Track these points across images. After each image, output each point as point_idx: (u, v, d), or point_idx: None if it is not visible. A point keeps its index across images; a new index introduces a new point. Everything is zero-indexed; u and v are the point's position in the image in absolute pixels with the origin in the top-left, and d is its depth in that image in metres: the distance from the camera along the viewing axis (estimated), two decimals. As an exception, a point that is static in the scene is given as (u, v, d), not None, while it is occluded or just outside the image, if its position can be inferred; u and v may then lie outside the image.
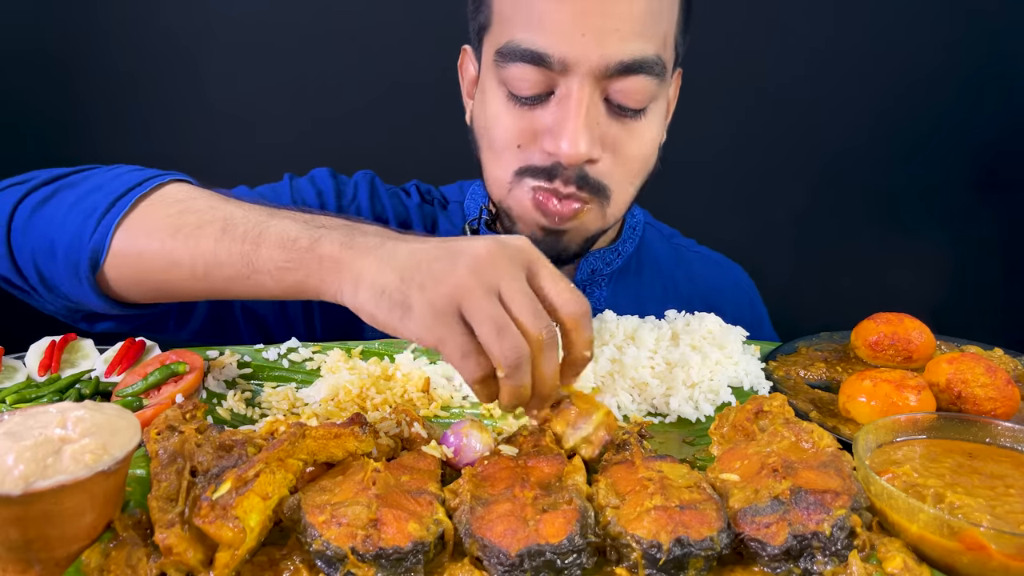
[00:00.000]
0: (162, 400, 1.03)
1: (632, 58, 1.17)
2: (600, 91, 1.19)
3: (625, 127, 1.23)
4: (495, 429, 1.05)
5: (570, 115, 1.18)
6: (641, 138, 1.25)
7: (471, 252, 0.87)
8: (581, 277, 1.46)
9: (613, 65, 1.16)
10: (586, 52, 1.15)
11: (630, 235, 1.52)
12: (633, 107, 1.21)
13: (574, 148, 1.18)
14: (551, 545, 0.74)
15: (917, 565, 0.77)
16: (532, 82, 1.20)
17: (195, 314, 1.31)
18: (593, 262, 1.47)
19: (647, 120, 1.25)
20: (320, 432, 0.85)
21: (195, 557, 0.73)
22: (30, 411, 0.80)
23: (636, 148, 1.25)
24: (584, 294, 1.43)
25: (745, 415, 1.01)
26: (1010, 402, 1.05)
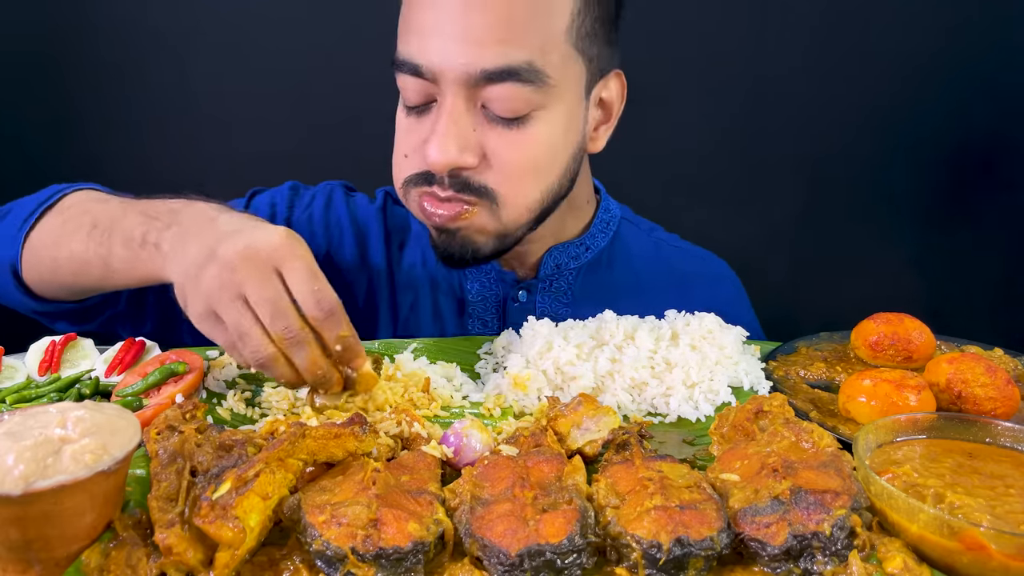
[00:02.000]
0: (162, 400, 1.03)
1: (496, 66, 1.16)
2: (475, 99, 1.20)
3: (505, 134, 1.22)
4: (495, 429, 1.05)
5: (439, 123, 1.20)
6: (523, 146, 1.23)
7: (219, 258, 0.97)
8: (545, 271, 1.47)
9: (477, 73, 1.17)
10: (452, 61, 1.17)
11: (602, 229, 1.52)
12: (505, 115, 1.21)
13: (439, 155, 1.19)
14: (551, 545, 0.74)
15: (917, 565, 0.77)
16: (415, 92, 1.23)
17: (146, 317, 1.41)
18: (557, 256, 1.47)
19: (531, 128, 1.22)
20: (320, 432, 0.85)
21: (195, 557, 0.73)
22: (30, 411, 0.81)
23: (517, 155, 1.23)
24: (549, 288, 1.47)
25: (745, 415, 1.01)
26: (1010, 402, 1.05)
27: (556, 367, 1.16)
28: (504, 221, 1.27)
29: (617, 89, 1.37)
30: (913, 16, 2.58)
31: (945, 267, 2.81)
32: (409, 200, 1.30)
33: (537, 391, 1.14)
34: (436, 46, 1.18)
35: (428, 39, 1.19)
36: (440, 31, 1.17)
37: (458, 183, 1.23)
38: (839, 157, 2.72)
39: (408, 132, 1.27)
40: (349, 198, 1.56)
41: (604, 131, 1.39)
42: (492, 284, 1.47)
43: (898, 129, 2.70)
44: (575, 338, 1.19)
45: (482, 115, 1.21)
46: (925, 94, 2.66)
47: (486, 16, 1.16)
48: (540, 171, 1.27)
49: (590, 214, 1.52)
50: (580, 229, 1.50)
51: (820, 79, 2.65)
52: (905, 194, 2.77)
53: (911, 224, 2.81)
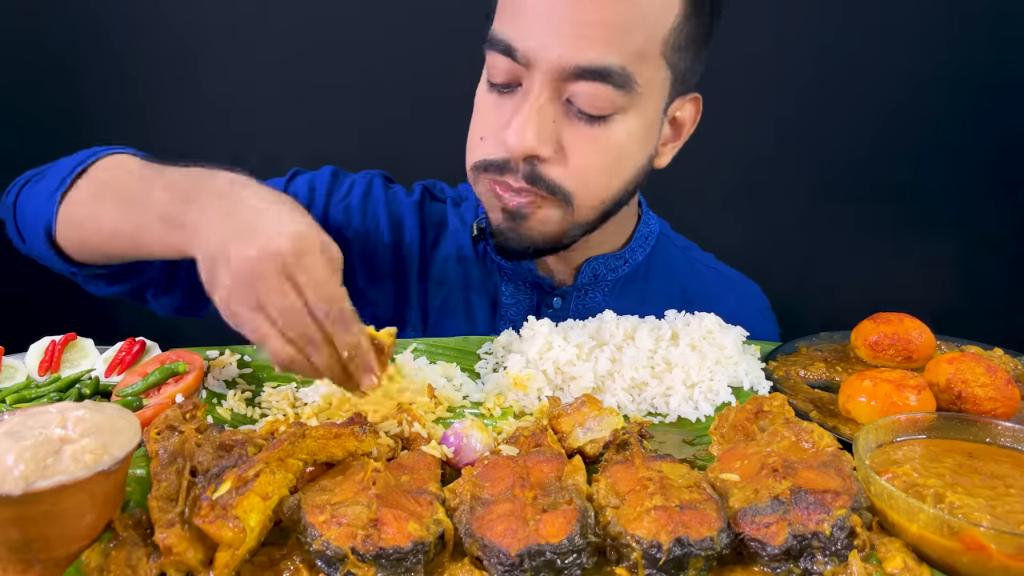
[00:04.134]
0: (162, 400, 1.03)
1: (591, 64, 1.16)
2: (561, 91, 1.20)
3: (584, 132, 1.22)
4: (495, 429, 1.05)
5: (523, 108, 1.20)
6: (600, 146, 1.23)
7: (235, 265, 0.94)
8: (583, 281, 1.47)
9: (571, 68, 1.17)
10: (548, 51, 1.17)
11: (641, 244, 1.52)
12: (590, 112, 1.21)
13: (518, 139, 1.19)
14: (551, 545, 0.74)
15: (917, 565, 0.77)
16: (504, 71, 1.22)
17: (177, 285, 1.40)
18: (596, 267, 1.47)
19: (610, 129, 1.23)
20: (320, 432, 0.85)
21: (195, 557, 0.73)
22: (30, 411, 0.81)
23: (594, 156, 1.24)
24: (584, 298, 1.46)
25: (745, 415, 1.01)
26: (1010, 402, 1.05)
27: (556, 367, 1.16)
28: (571, 219, 1.28)
29: (692, 112, 1.38)
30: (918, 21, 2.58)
31: (946, 267, 2.81)
32: (478, 184, 1.31)
33: (537, 391, 1.14)
34: (535, 31, 1.17)
35: (529, 23, 1.18)
36: (543, 17, 1.17)
37: (531, 175, 1.23)
38: (840, 159, 2.72)
39: (488, 111, 1.27)
40: (388, 189, 1.55)
41: (670, 149, 1.38)
42: (527, 288, 1.47)
43: (900, 130, 2.70)
44: (575, 338, 1.19)
45: (564, 108, 1.21)
46: (928, 96, 2.66)
47: (593, 12, 1.15)
48: (612, 173, 1.28)
49: (632, 227, 1.52)
50: (622, 241, 1.50)
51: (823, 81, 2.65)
52: (905, 194, 2.77)
53: (911, 224, 2.80)
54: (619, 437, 0.98)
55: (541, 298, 1.48)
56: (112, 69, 2.50)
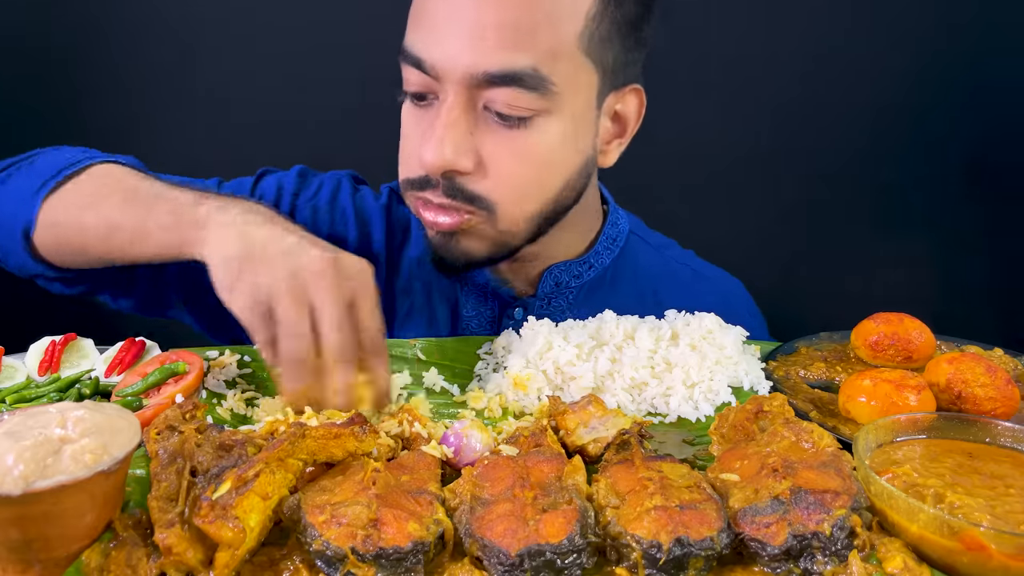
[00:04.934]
0: (162, 400, 1.03)
1: (500, 69, 1.13)
2: (475, 100, 1.17)
3: (504, 138, 1.18)
4: (495, 429, 1.05)
5: (437, 123, 1.17)
6: (522, 153, 1.19)
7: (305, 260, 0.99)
8: (544, 290, 1.42)
9: (480, 75, 1.13)
10: (455, 60, 1.14)
11: (608, 245, 1.46)
12: (508, 114, 1.16)
13: (434, 156, 1.16)
14: (551, 545, 0.74)
15: (917, 565, 0.77)
16: (417, 84, 1.20)
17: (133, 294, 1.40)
18: (558, 275, 1.42)
19: (531, 135, 1.18)
20: (320, 432, 0.85)
21: (195, 557, 0.73)
22: (30, 411, 0.81)
23: (516, 160, 1.19)
24: (547, 307, 1.42)
25: (745, 415, 1.01)
26: (1010, 402, 1.05)
27: (556, 367, 1.16)
28: (500, 230, 1.24)
29: (635, 105, 1.32)
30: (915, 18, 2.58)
31: (945, 267, 2.81)
32: (408, 202, 1.29)
33: (537, 391, 1.14)
34: (441, 42, 1.15)
35: (434, 33, 1.16)
36: (447, 27, 1.14)
37: (452, 189, 1.19)
38: (840, 158, 2.72)
39: (410, 127, 1.25)
40: (356, 191, 1.52)
41: (616, 146, 1.34)
42: (488, 299, 1.43)
43: (900, 129, 2.70)
44: (575, 338, 1.19)
45: (482, 117, 1.18)
46: (927, 95, 2.66)
47: (496, 16, 1.12)
48: (538, 179, 1.23)
49: (596, 228, 1.46)
50: (585, 246, 1.45)
51: (822, 79, 2.64)
52: (906, 194, 2.77)
53: (911, 224, 2.80)
54: (618, 437, 0.98)
55: (502, 309, 1.43)
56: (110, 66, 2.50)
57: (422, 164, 1.18)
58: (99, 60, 2.49)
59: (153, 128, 2.53)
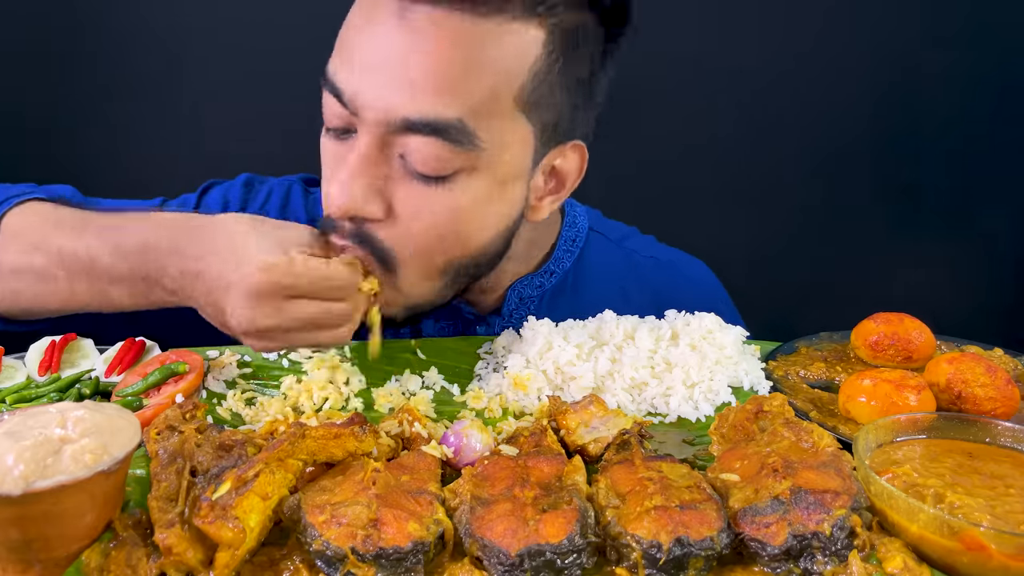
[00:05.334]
0: (162, 400, 1.03)
1: (422, 117, 1.03)
2: (392, 145, 1.07)
3: (417, 191, 1.08)
4: (495, 429, 1.05)
5: (348, 165, 1.08)
6: (439, 209, 1.09)
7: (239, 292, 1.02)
8: (509, 308, 1.35)
9: (398, 120, 1.04)
10: (375, 100, 1.04)
11: (567, 248, 1.38)
12: (422, 171, 1.06)
13: (340, 198, 1.07)
14: (551, 545, 0.74)
15: (917, 565, 0.77)
16: (335, 115, 1.10)
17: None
18: (521, 289, 1.35)
19: (450, 191, 1.08)
20: (320, 432, 0.85)
21: (195, 557, 0.73)
22: (30, 411, 0.81)
23: (427, 215, 1.09)
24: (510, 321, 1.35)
25: (745, 415, 1.01)
26: (1010, 402, 1.05)
27: (556, 367, 1.16)
28: (403, 289, 1.15)
29: (576, 162, 1.20)
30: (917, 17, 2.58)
31: (946, 267, 2.81)
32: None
33: (537, 391, 1.14)
34: (362, 77, 1.05)
35: (356, 66, 1.06)
36: (371, 61, 1.05)
37: (357, 234, 1.10)
38: (840, 158, 2.72)
39: (329, 158, 1.15)
40: (308, 195, 1.42)
41: (550, 202, 1.22)
42: (450, 318, 1.36)
43: (899, 130, 2.70)
44: (575, 338, 1.19)
45: (398, 164, 1.08)
46: (927, 95, 2.66)
47: (425, 58, 1.02)
48: (453, 239, 1.13)
49: (554, 235, 1.38)
50: (543, 255, 1.37)
51: (822, 80, 2.65)
52: (906, 194, 2.77)
53: (912, 224, 2.81)
54: (618, 437, 0.98)
55: (465, 327, 1.36)
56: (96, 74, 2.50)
57: (328, 205, 1.11)
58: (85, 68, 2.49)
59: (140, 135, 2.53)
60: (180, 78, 2.51)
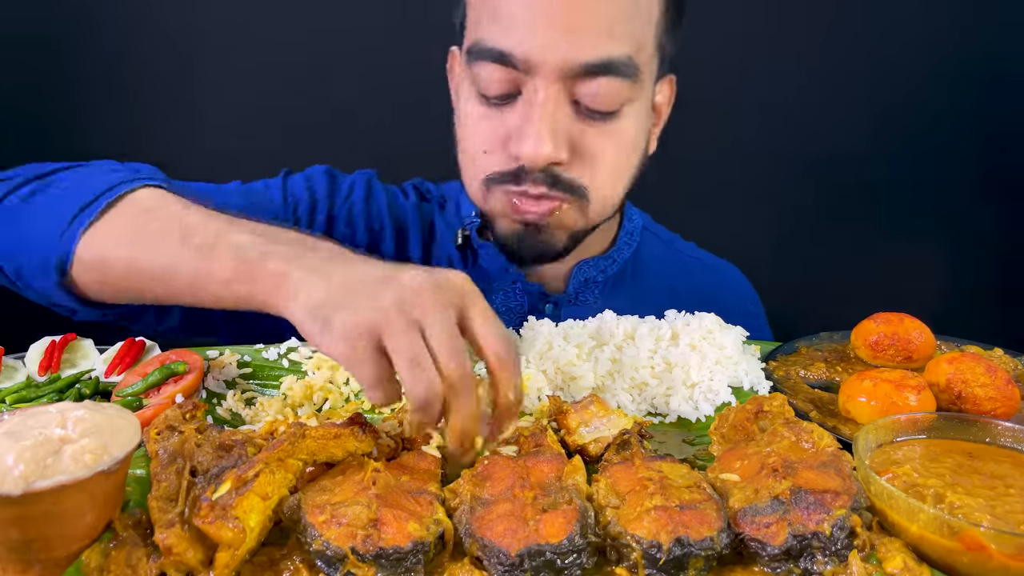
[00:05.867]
0: (162, 400, 1.03)
1: (599, 59, 1.14)
2: (568, 92, 1.17)
3: (596, 129, 1.21)
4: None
5: (533, 117, 1.16)
6: (614, 141, 1.22)
7: (401, 283, 0.86)
8: (574, 286, 1.44)
9: (578, 66, 1.14)
10: (550, 52, 1.13)
11: (627, 241, 1.49)
12: (602, 110, 1.19)
13: (535, 150, 1.16)
14: (551, 545, 0.74)
15: (917, 565, 0.77)
16: (499, 81, 1.18)
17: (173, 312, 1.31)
18: (587, 271, 1.44)
19: (621, 122, 1.22)
20: (320, 432, 0.85)
21: (195, 557, 0.73)
22: (30, 411, 0.81)
23: (609, 151, 1.22)
24: (575, 302, 1.43)
25: (745, 415, 1.01)
26: (1010, 402, 1.05)
27: (556, 367, 1.16)
28: (590, 218, 1.27)
29: (668, 93, 1.36)
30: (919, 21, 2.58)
31: (945, 267, 2.81)
32: (491, 198, 1.28)
33: (537, 391, 1.14)
34: (532, 35, 1.13)
35: (522, 27, 1.14)
36: (537, 19, 1.13)
37: (549, 179, 1.20)
38: (840, 157, 2.72)
39: (483, 124, 1.23)
40: (387, 191, 1.52)
41: (654, 134, 1.36)
42: (517, 296, 1.44)
43: (899, 130, 2.70)
44: (575, 338, 1.19)
45: (573, 109, 1.19)
46: (927, 96, 2.66)
47: (590, 6, 1.13)
48: (624, 167, 1.27)
49: (616, 226, 1.49)
50: (608, 241, 1.48)
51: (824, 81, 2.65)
52: (906, 194, 2.77)
53: (912, 224, 2.80)
54: (618, 437, 0.98)
55: (532, 306, 1.45)
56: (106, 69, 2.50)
57: (524, 157, 1.18)
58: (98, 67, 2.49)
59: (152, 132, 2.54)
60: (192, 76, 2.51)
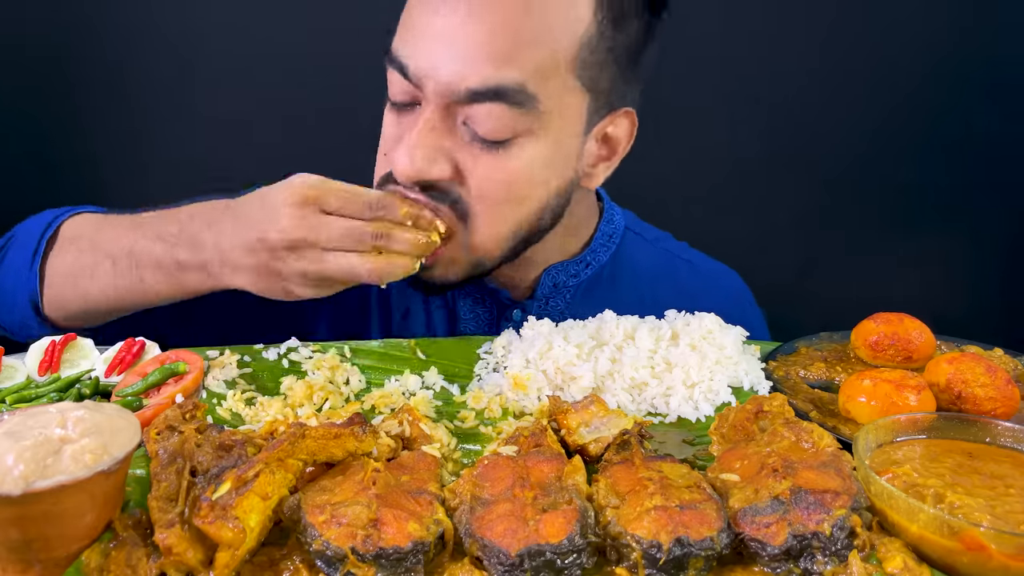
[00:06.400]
0: (162, 400, 1.03)
1: (484, 86, 1.11)
2: (455, 114, 1.15)
3: (482, 156, 1.16)
4: (495, 429, 1.05)
5: (412, 132, 1.16)
6: (504, 171, 1.17)
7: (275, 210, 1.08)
8: (543, 292, 1.41)
9: (462, 91, 1.12)
10: (437, 72, 1.13)
11: (604, 243, 1.45)
12: (485, 137, 1.14)
13: (404, 165, 1.15)
14: (551, 545, 0.74)
15: (917, 565, 0.77)
16: (400, 90, 1.19)
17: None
18: (556, 275, 1.41)
19: (511, 154, 1.16)
20: (320, 432, 0.85)
21: (195, 557, 0.73)
22: (30, 411, 0.81)
23: (493, 179, 1.17)
24: (545, 307, 1.41)
25: (745, 415, 1.01)
26: (1010, 402, 1.05)
27: (556, 367, 1.16)
28: (473, 247, 1.22)
29: (626, 128, 1.29)
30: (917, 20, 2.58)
31: (946, 267, 2.81)
32: None
33: (537, 391, 1.14)
34: (426, 51, 1.14)
35: (420, 41, 1.15)
36: (433, 36, 1.13)
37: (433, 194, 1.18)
38: (840, 158, 2.72)
39: (389, 128, 1.25)
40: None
41: (604, 168, 1.31)
42: (485, 301, 1.42)
43: (900, 130, 2.70)
44: (575, 338, 1.19)
45: (462, 131, 1.16)
46: (927, 96, 2.66)
47: (483, 28, 1.10)
48: (515, 200, 1.20)
49: (592, 228, 1.45)
50: (581, 244, 1.44)
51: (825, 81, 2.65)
52: (906, 194, 2.77)
53: (912, 224, 2.81)
54: (619, 437, 0.98)
55: (500, 311, 1.42)
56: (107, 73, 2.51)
57: (395, 170, 1.18)
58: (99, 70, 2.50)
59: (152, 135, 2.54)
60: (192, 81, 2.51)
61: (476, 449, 1.02)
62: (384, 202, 1.10)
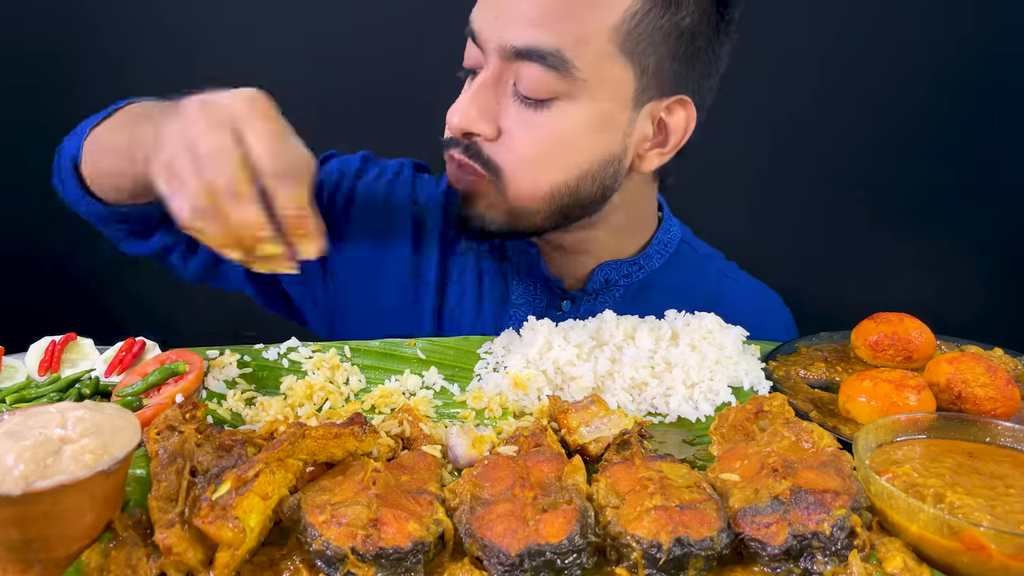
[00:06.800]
0: (162, 400, 1.03)
1: (524, 44, 1.20)
2: (507, 74, 1.24)
3: (522, 113, 1.25)
4: (495, 429, 1.05)
5: (468, 89, 1.27)
6: (539, 131, 1.25)
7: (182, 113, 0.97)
8: (593, 286, 1.45)
9: (509, 49, 1.21)
10: (492, 32, 1.23)
11: (659, 250, 1.49)
12: (525, 94, 1.23)
13: (455, 117, 1.26)
14: (551, 545, 0.75)
15: (917, 565, 0.77)
16: (471, 56, 1.29)
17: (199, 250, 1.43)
18: (608, 272, 1.45)
19: (550, 115, 1.24)
20: (320, 432, 0.85)
21: (195, 557, 0.73)
22: (30, 411, 0.81)
23: (528, 136, 1.25)
24: (594, 302, 1.44)
25: (745, 415, 1.01)
26: (1010, 402, 1.05)
27: (556, 367, 1.16)
28: (510, 199, 1.29)
29: (681, 117, 1.32)
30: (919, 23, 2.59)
31: (946, 267, 2.81)
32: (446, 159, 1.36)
33: (537, 391, 1.14)
34: (484, 16, 1.25)
35: (482, 8, 1.27)
36: (492, 4, 1.25)
37: (471, 151, 1.27)
38: (842, 159, 2.72)
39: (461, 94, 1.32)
40: (416, 179, 1.56)
41: (656, 155, 1.34)
42: (538, 288, 1.46)
43: (900, 131, 2.70)
44: (575, 338, 1.19)
45: (510, 91, 1.25)
46: (928, 97, 2.66)
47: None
48: (552, 162, 1.27)
49: (649, 234, 1.49)
50: (638, 247, 1.48)
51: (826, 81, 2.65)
52: (906, 194, 2.77)
53: (912, 224, 2.81)
54: (619, 437, 0.98)
55: (551, 300, 1.47)
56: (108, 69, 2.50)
57: (447, 124, 1.28)
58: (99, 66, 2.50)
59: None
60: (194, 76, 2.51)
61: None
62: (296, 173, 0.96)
